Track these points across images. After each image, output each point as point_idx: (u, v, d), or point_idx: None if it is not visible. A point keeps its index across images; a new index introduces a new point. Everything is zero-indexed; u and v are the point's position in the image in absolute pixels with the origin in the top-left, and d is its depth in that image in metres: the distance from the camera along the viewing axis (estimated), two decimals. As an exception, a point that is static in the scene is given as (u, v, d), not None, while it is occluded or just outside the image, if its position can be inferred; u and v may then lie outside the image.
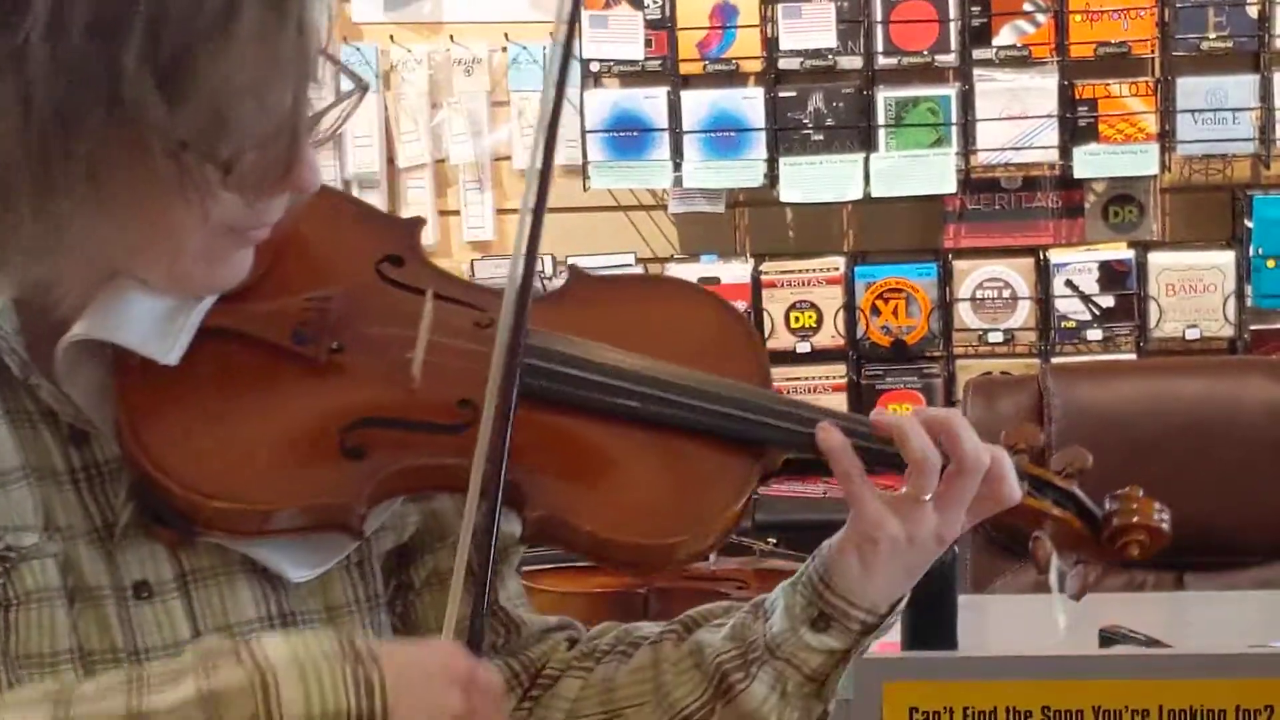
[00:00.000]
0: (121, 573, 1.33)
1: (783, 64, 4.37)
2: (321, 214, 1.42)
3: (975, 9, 4.32)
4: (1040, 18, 4.31)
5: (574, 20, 1.20)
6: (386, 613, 1.46)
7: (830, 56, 4.34)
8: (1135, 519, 1.54)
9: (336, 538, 1.36)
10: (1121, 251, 4.37)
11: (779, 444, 1.46)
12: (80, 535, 1.32)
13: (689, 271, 4.30)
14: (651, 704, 1.49)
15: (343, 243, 1.45)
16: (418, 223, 1.48)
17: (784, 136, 4.35)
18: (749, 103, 4.36)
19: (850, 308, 4.39)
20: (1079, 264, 4.36)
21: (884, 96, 4.34)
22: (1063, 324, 4.37)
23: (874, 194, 4.31)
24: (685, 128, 4.35)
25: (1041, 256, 4.38)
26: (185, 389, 1.34)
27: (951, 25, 4.32)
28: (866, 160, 4.31)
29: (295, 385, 1.37)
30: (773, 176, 4.35)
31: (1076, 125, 4.30)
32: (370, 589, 1.43)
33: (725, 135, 4.35)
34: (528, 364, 1.38)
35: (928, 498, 1.43)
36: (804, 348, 4.40)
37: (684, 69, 4.37)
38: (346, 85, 1.31)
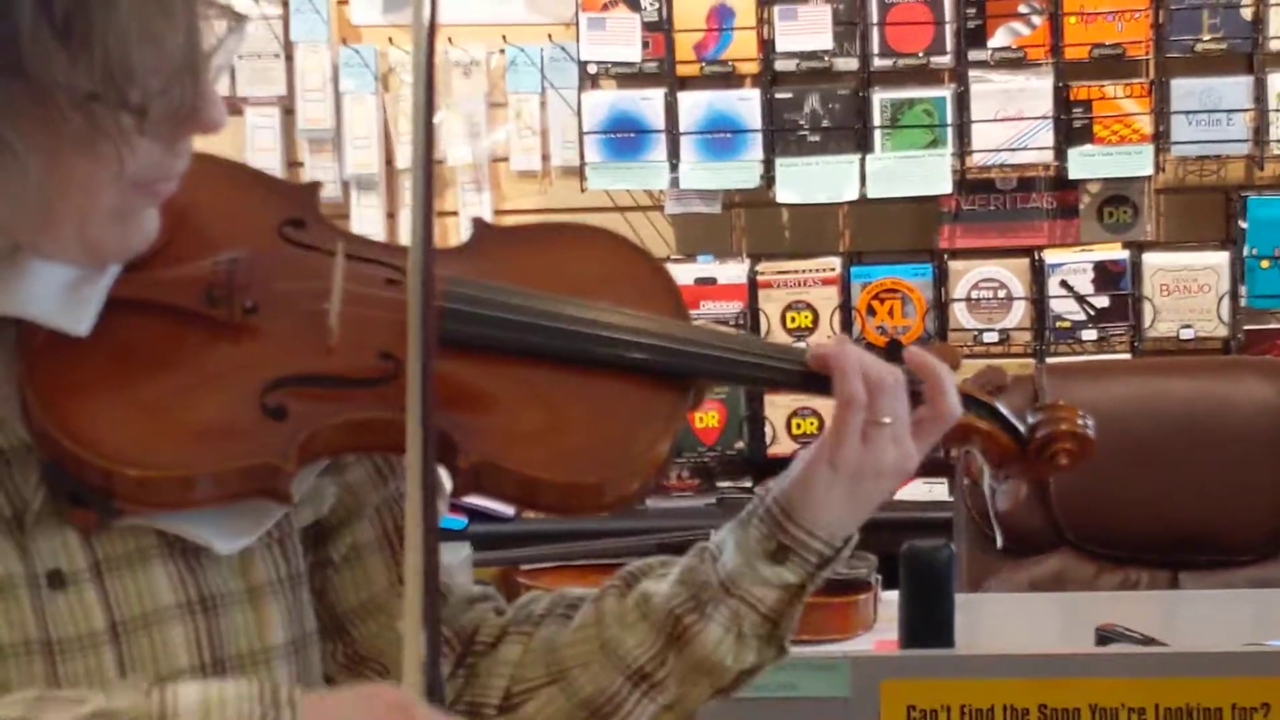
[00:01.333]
0: (34, 562, 1.29)
1: (779, 65, 4.38)
2: (217, 183, 1.40)
3: (970, 11, 4.32)
4: (1035, 19, 4.32)
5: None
6: (307, 590, 1.44)
7: (826, 58, 4.34)
8: (1062, 426, 1.55)
9: (263, 505, 1.33)
10: (1116, 252, 4.38)
11: (708, 375, 1.46)
12: None
13: (685, 272, 4.30)
14: (599, 661, 1.47)
15: (241, 209, 1.42)
16: (315, 186, 1.46)
17: (780, 138, 4.35)
18: (745, 104, 4.36)
19: (846, 308, 4.39)
20: (1074, 264, 4.37)
21: (880, 98, 4.35)
22: (1057, 324, 4.38)
23: (870, 195, 4.31)
24: (682, 129, 4.35)
25: (1036, 257, 4.39)
26: (95, 361, 1.30)
27: (947, 27, 4.33)
28: (862, 161, 4.32)
29: (210, 349, 1.34)
30: (769, 177, 4.35)
31: (1071, 126, 4.31)
32: (292, 567, 1.41)
33: (722, 136, 4.36)
34: (447, 308, 1.36)
35: (887, 420, 1.45)
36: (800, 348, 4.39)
37: (681, 70, 4.37)
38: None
